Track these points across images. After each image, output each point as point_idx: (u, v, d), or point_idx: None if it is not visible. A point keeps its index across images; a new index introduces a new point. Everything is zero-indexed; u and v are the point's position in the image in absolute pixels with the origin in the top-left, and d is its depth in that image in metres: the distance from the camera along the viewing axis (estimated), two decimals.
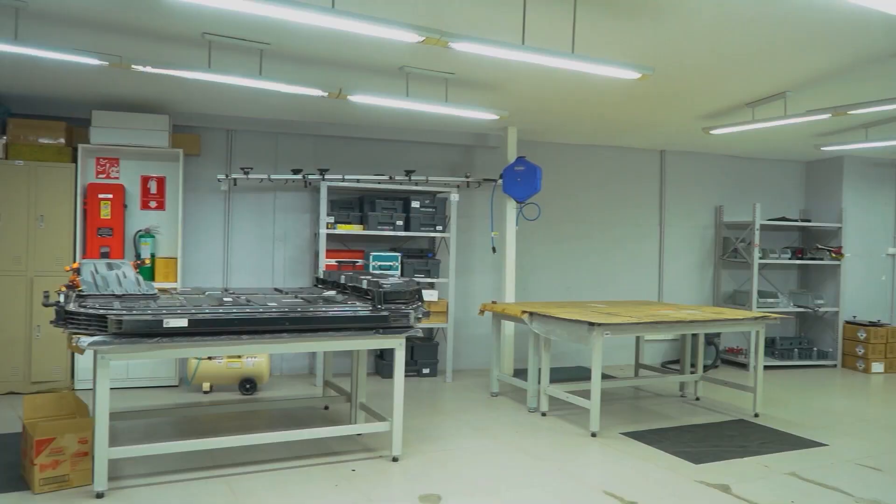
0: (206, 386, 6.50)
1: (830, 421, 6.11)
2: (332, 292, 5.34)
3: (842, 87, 5.56)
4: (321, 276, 6.09)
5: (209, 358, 6.29)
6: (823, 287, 9.30)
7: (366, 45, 4.70)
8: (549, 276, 8.54)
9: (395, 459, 4.65)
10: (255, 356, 6.41)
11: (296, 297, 5.08)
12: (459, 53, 4.63)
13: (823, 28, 4.23)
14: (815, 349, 9.12)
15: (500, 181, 7.54)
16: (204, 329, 4.02)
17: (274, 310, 4.30)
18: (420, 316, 4.66)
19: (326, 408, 6.02)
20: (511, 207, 7.54)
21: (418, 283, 5.00)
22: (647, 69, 4.37)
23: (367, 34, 3.91)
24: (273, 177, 7.19)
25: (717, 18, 4.11)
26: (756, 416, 6.11)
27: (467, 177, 7.82)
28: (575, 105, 6.47)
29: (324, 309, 4.45)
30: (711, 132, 6.90)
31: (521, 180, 7.30)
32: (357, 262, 7.36)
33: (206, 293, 5.14)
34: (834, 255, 9.04)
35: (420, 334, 4.72)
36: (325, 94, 5.23)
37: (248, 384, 6.49)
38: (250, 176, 7.09)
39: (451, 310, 7.42)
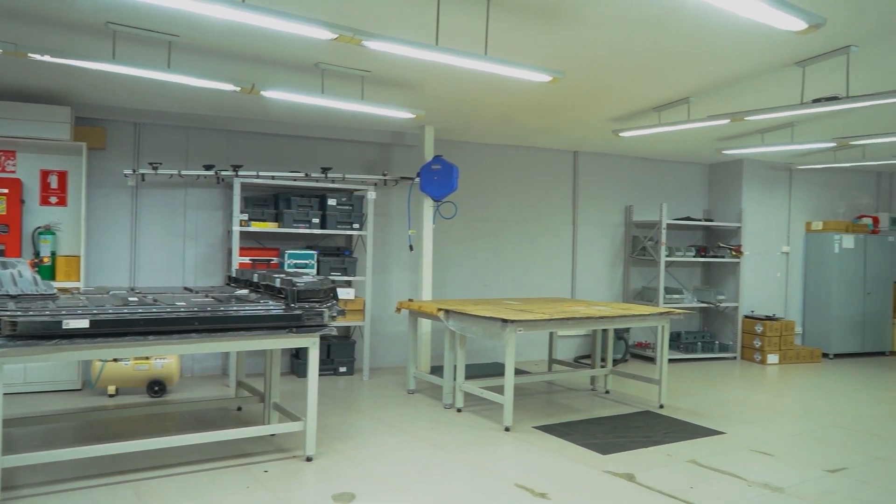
0: (111, 389, 6.24)
1: (728, 410, 6.46)
2: (245, 291, 5.24)
3: (741, 94, 5.88)
4: (234, 275, 5.96)
5: (114, 360, 6.06)
6: (724, 283, 9.80)
7: (279, 41, 4.64)
8: (465, 273, 8.64)
9: (308, 459, 4.62)
10: (163, 357, 6.22)
11: (206, 296, 4.96)
12: (375, 52, 4.63)
13: (723, 40, 4.47)
14: (717, 342, 9.61)
15: (417, 179, 7.57)
16: (107, 330, 3.88)
17: (182, 309, 4.19)
18: (334, 314, 4.64)
19: (239, 409, 5.91)
20: (428, 206, 7.59)
21: (333, 281, 4.97)
22: (557, 73, 4.50)
23: (279, 30, 3.86)
24: (184, 172, 6.98)
25: (623, 27, 4.26)
26: (661, 407, 6.39)
27: (384, 175, 7.82)
28: (490, 106, 6.58)
29: (235, 308, 4.37)
30: (621, 134, 7.15)
31: (437, 179, 7.36)
32: (272, 260, 7.24)
33: (111, 292, 4.95)
34: (734, 253, 9.54)
35: (334, 333, 4.72)
36: (238, 88, 5.11)
37: (156, 386, 6.29)
38: (159, 171, 6.86)
39: (367, 308, 7.41)
